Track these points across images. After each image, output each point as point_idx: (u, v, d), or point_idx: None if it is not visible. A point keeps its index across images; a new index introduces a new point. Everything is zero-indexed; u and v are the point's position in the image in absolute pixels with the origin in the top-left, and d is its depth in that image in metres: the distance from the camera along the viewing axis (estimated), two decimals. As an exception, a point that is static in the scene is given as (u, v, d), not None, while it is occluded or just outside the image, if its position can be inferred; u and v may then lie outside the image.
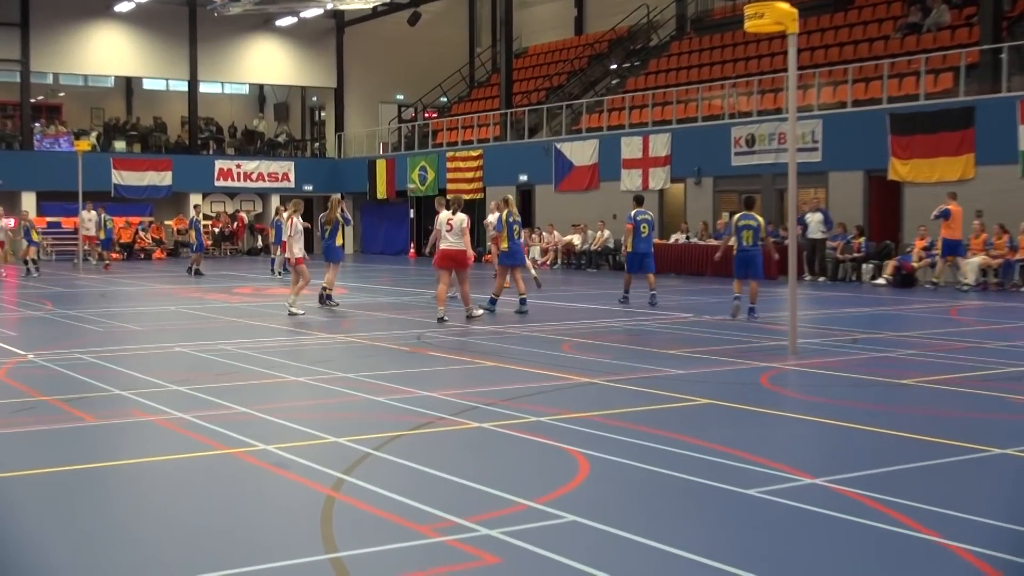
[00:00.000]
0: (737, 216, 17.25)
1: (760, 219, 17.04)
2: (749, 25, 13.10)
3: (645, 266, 19.53)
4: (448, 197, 17.99)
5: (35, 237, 29.61)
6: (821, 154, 27.32)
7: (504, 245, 18.11)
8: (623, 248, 19.77)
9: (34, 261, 28.99)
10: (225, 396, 10.07)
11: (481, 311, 17.09)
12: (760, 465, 7.32)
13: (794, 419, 9.18)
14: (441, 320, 16.27)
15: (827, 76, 29.02)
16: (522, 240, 18.90)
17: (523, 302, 18.02)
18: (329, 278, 18.82)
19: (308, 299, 19.26)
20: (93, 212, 33.63)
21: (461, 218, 16.71)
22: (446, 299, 16.93)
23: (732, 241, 17.13)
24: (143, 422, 9.01)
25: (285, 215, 17.91)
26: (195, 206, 31.96)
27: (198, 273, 28.79)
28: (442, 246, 16.80)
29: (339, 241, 18.90)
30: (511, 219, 18.03)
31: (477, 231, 33.40)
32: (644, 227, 19.42)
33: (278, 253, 30.11)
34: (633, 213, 19.52)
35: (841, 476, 7.04)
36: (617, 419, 8.98)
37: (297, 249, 18.16)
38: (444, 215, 16.84)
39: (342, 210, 18.89)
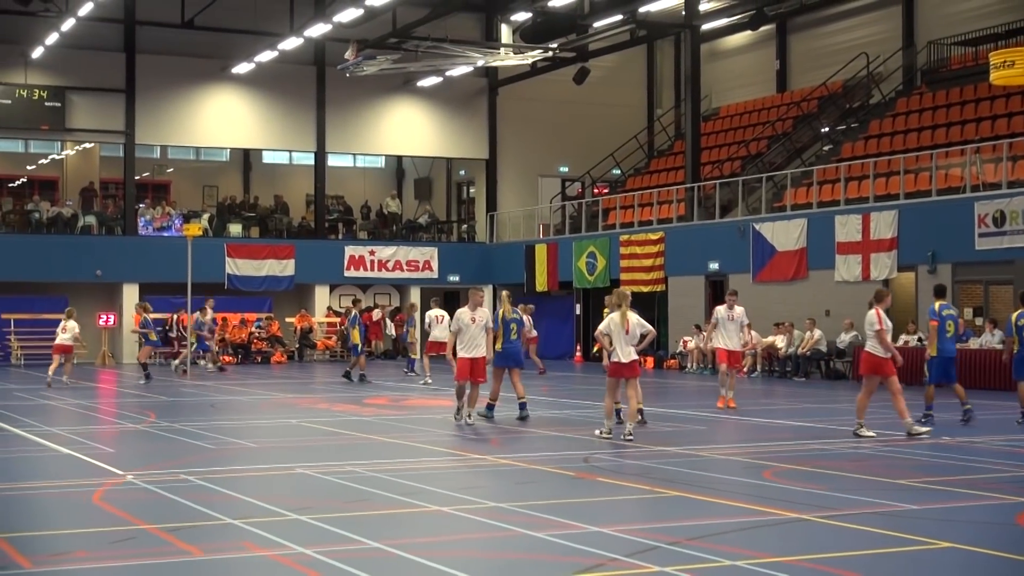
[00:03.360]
0: (1016, 314, 18.82)
1: None
2: (996, 77, 13.00)
3: (951, 374, 19.36)
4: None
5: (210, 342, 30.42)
6: (1091, 235, 26.58)
7: (499, 345, 19.46)
8: (927, 352, 19.52)
9: (219, 367, 29.64)
10: (355, 528, 10.20)
11: (925, 429, 17.44)
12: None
13: (1061, 569, 8.85)
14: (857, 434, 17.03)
15: (1097, 138, 28.33)
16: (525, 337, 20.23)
17: (523, 407, 19.52)
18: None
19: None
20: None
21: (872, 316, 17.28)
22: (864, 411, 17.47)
23: (1015, 345, 18.80)
24: (259, 558, 9.20)
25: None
26: (354, 300, 33.08)
27: (363, 379, 29.56)
28: (869, 349, 17.43)
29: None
30: (507, 317, 19.54)
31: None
32: (950, 325, 19.26)
33: (419, 354, 32.15)
34: (937, 307, 19.33)
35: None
36: (832, 565, 8.79)
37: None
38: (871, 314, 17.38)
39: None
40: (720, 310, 22.39)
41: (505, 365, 19.70)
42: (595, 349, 38.45)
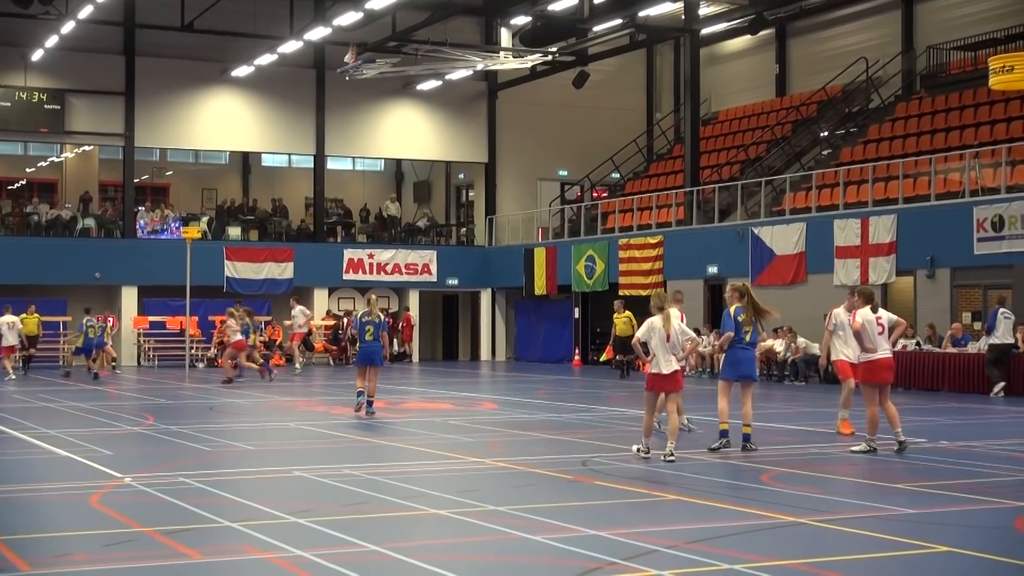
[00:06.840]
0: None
1: None
2: (995, 81, 12.97)
3: None
4: None
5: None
6: (1089, 240, 26.57)
7: (358, 346, 21.69)
8: None
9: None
10: (353, 531, 10.21)
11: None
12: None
13: (1059, 573, 8.85)
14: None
15: (1095, 143, 28.33)
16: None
17: (369, 404, 21.19)
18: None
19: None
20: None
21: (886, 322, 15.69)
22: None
23: None
24: (257, 560, 9.21)
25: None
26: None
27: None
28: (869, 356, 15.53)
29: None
30: (365, 319, 21.32)
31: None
32: None
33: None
34: None
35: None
36: (830, 568, 8.81)
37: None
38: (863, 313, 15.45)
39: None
40: (838, 313, 18.06)
41: (364, 364, 21.30)
42: (603, 358, 38.40)
